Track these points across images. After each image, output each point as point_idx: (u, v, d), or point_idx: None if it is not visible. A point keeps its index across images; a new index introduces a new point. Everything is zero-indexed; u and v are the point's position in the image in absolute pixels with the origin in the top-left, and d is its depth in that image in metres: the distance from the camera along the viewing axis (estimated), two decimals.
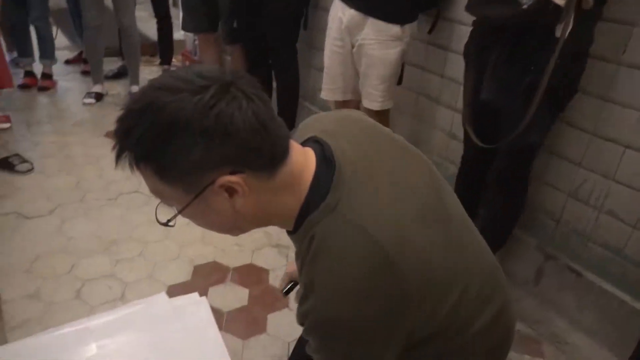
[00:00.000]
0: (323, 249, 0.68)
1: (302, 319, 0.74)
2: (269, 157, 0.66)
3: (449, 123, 2.02)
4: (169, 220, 0.69)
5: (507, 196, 1.65)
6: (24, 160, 2.38)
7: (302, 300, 0.74)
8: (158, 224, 0.71)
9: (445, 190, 0.82)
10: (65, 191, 2.22)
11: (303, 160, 0.72)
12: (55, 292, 1.65)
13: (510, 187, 1.63)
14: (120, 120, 0.63)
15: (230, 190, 0.65)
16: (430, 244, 0.71)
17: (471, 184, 1.80)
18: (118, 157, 0.64)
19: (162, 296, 1.65)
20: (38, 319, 1.53)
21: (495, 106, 1.51)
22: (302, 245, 0.72)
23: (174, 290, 1.68)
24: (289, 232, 0.78)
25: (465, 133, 1.66)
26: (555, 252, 1.69)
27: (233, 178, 0.64)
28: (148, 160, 0.63)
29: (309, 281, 0.70)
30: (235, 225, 0.73)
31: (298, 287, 1.17)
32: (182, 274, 1.77)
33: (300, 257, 0.74)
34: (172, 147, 0.61)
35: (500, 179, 1.62)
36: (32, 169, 2.36)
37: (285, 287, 1.22)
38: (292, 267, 1.12)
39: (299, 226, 0.72)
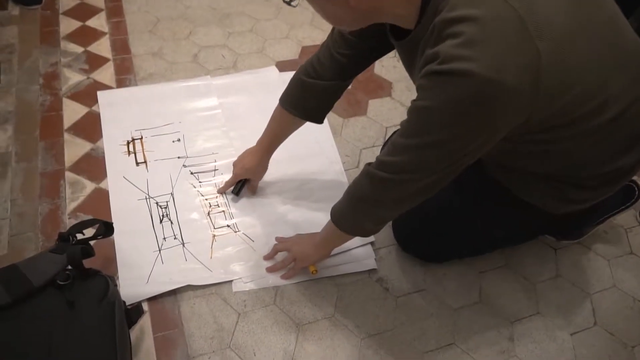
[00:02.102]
0: (457, 19, 0.68)
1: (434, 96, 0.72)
2: None
3: None
4: None
5: None
6: None
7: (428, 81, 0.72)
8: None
9: None
10: None
11: None
12: (176, 53, 1.77)
13: None
14: None
15: None
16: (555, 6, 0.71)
17: None
18: None
19: (272, 68, 1.72)
20: (162, 74, 1.68)
21: None
22: (428, 30, 0.73)
23: (282, 66, 1.74)
24: (397, 39, 0.85)
25: None
26: None
27: None
28: None
29: (447, 49, 0.68)
30: (348, 20, 0.80)
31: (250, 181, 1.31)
32: (290, 52, 1.81)
33: (425, 44, 0.75)
34: None
35: None
36: None
37: (236, 188, 1.32)
38: (237, 166, 1.28)
39: (422, 13, 0.74)
